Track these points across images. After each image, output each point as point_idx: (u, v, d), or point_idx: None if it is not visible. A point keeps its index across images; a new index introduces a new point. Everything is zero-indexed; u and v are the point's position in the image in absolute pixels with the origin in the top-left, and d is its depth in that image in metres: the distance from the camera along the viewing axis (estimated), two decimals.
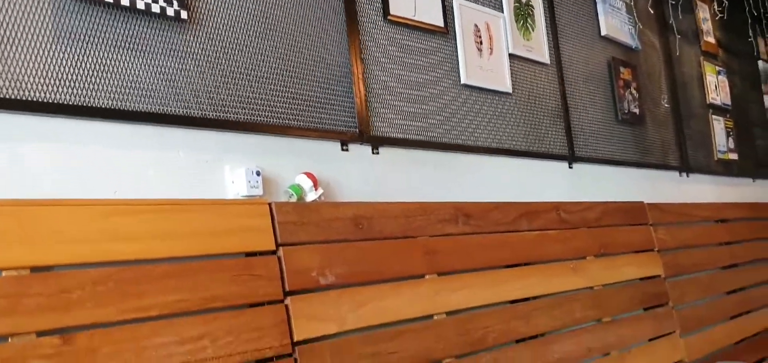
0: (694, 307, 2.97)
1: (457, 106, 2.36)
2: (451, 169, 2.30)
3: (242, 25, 1.78)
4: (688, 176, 3.59)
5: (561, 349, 2.23)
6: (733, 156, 4.05)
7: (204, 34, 1.70)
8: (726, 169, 3.95)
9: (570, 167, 2.82)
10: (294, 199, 1.72)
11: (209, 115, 1.67)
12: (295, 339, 1.55)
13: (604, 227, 2.63)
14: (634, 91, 3.29)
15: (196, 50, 1.67)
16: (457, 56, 2.40)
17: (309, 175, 1.77)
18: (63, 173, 1.41)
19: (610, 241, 2.63)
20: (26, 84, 1.38)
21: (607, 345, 2.41)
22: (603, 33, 3.20)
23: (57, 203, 1.31)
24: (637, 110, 3.28)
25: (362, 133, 2.01)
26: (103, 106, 1.48)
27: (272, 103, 1.81)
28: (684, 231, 3.12)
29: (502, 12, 2.63)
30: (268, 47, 1.83)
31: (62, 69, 1.43)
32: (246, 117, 1.74)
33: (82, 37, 1.47)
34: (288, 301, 1.58)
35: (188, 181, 1.61)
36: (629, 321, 2.57)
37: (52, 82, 1.41)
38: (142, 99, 1.55)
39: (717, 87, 4.04)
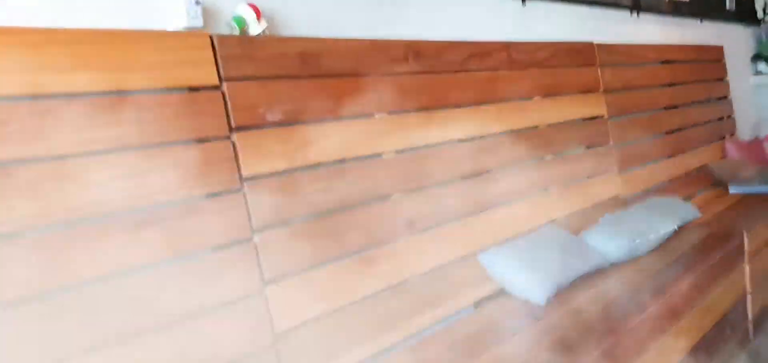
0: (633, 145, 3.09)
1: None
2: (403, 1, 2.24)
3: None
4: (638, 16, 3.60)
5: (504, 185, 2.31)
6: None
7: None
8: (676, 9, 3.96)
9: (523, 4, 2.78)
10: (237, 31, 1.66)
11: None
12: (244, 175, 1.56)
13: (553, 68, 2.66)
14: None
15: None
16: None
17: (252, 6, 1.70)
18: None
19: (558, 82, 2.67)
20: None
21: (548, 180, 2.51)
22: None
23: None
24: None
25: None
26: None
27: None
28: (629, 72, 3.18)
29: None
30: None
31: None
32: None
33: None
34: (234, 137, 1.56)
35: (119, 7, 1.52)
36: (571, 159, 2.67)
37: None
38: None
39: None
